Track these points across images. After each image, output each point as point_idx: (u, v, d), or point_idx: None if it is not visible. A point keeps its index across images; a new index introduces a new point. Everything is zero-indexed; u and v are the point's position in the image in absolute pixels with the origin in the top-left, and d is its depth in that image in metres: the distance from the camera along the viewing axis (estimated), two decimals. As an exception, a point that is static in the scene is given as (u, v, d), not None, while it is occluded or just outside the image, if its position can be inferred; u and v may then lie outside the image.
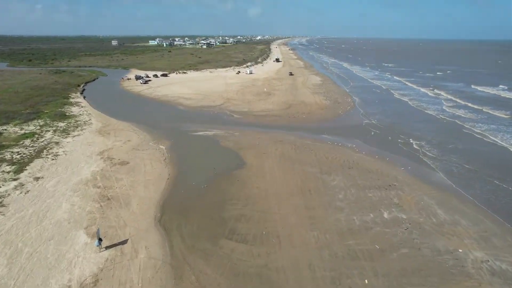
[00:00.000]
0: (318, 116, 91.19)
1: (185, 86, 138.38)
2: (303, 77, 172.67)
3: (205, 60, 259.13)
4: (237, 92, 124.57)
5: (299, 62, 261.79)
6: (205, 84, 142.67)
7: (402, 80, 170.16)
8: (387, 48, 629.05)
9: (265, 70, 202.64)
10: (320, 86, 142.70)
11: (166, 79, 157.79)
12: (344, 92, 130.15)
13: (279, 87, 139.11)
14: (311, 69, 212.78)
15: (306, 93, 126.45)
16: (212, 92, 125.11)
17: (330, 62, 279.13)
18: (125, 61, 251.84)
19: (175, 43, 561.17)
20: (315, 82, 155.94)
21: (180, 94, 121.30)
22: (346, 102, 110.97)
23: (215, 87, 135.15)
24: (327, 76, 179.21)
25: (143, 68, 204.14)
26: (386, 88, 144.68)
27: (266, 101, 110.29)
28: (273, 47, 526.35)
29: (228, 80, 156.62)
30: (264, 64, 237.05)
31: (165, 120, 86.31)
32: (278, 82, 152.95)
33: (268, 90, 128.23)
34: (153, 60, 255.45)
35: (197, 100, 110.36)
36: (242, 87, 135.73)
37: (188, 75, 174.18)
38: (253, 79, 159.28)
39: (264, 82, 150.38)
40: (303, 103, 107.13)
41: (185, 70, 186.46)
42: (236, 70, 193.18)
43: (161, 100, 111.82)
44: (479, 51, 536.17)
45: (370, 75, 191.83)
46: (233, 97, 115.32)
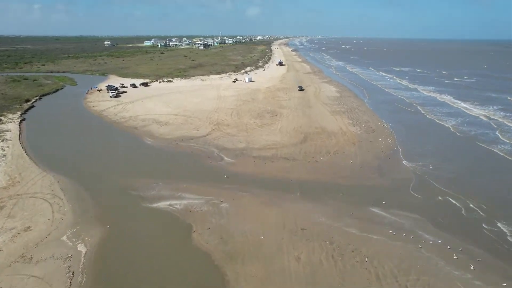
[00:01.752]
0: (353, 159, 60.32)
1: (165, 101, 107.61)
2: (314, 86, 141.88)
3: (199, 63, 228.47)
4: (231, 112, 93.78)
5: (305, 66, 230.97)
6: (192, 98, 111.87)
7: (426, 90, 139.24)
8: (391, 48, 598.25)
9: (267, 76, 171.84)
10: (338, 100, 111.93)
11: (144, 91, 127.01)
12: (370, 111, 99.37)
13: (287, 102, 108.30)
14: (320, 75, 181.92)
15: (323, 112, 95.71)
16: (199, 111, 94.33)
17: (338, 65, 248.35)
18: (108, 65, 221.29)
19: (171, 44, 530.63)
20: (330, 93, 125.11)
21: (155, 115, 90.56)
22: (381, 129, 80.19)
23: (204, 103, 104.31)
24: (342, 85, 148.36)
25: (123, 74, 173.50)
26: (413, 102, 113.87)
27: (270, 127, 79.47)
28: (274, 47, 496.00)
29: (222, 91, 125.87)
30: (266, 69, 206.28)
31: (115, 169, 55.66)
32: (284, 94, 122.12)
33: (272, 109, 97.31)
34: (139, 64, 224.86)
35: (175, 126, 79.53)
36: (239, 103, 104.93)
37: (174, 84, 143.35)
38: (253, 90, 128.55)
39: (267, 95, 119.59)
40: (323, 132, 76.31)
41: (171, 78, 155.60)
42: (233, 77, 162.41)
43: (125, 126, 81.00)
44: (486, 52, 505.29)
45: (388, 83, 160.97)
46: (225, 121, 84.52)
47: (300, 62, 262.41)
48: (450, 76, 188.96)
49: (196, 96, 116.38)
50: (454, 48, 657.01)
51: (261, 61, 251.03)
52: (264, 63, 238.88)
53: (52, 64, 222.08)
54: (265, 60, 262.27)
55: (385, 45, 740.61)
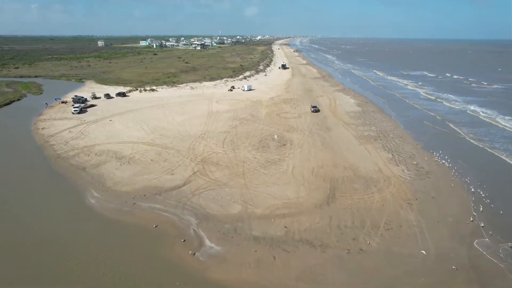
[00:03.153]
0: (422, 244, 36.09)
1: (140, 119, 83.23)
2: (327, 96, 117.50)
3: (192, 67, 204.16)
4: (224, 138, 69.42)
5: (311, 69, 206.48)
6: (175, 115, 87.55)
7: (451, 101, 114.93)
8: (394, 49, 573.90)
9: (270, 83, 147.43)
10: (363, 118, 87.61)
11: (119, 103, 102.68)
12: (407, 136, 75.20)
13: (297, 121, 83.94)
14: (331, 81, 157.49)
15: (347, 137, 71.32)
16: (180, 137, 69.98)
17: (346, 68, 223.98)
18: (91, 68, 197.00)
19: (167, 44, 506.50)
20: (349, 107, 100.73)
21: (120, 143, 66.25)
22: (437, 170, 55.92)
23: (189, 123, 79.95)
24: (359, 94, 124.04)
25: (103, 80, 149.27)
26: (448, 120, 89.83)
27: (278, 167, 55.08)
28: (275, 48, 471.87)
29: (215, 105, 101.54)
30: (268, 73, 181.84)
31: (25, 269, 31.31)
32: (292, 108, 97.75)
33: (279, 134, 72.82)
34: (126, 68, 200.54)
35: (142, 167, 55.19)
36: (235, 123, 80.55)
37: (158, 94, 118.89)
38: (253, 103, 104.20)
39: (270, 109, 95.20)
40: (357, 176, 51.96)
41: (155, 86, 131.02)
42: (230, 84, 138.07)
43: (71, 164, 56.57)
44: (489, 52, 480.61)
45: (407, 92, 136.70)
46: (214, 155, 60.19)
47: (305, 65, 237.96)
48: (467, 81, 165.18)
49: (181, 112, 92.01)
50: (456, 48, 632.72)
51: (262, 63, 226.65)
52: (266, 66, 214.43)
53: (28, 67, 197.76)
54: (267, 62, 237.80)
55: (387, 46, 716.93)
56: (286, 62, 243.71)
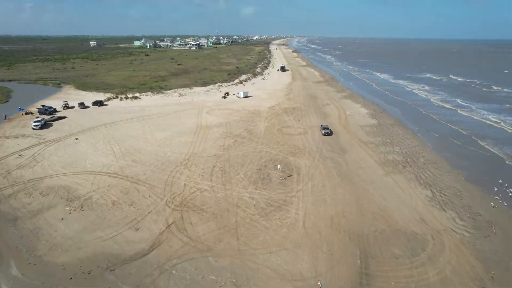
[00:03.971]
0: None
1: (112, 138, 68.20)
2: (335, 105, 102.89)
3: (184, 69, 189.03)
4: (213, 165, 54.56)
5: (312, 72, 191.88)
6: (156, 132, 72.55)
7: (472, 111, 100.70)
8: (393, 49, 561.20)
9: (268, 88, 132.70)
10: (382, 134, 73.04)
11: (93, 115, 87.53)
12: (443, 163, 60.81)
13: (303, 138, 69.12)
14: (336, 86, 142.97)
15: (369, 164, 56.60)
16: (158, 164, 55.06)
17: (349, 70, 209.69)
18: (74, 71, 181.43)
19: (162, 44, 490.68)
20: (363, 119, 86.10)
21: (79, 174, 51.31)
22: (503, 218, 41.52)
23: (172, 143, 64.99)
24: (369, 102, 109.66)
25: (83, 85, 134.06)
26: (482, 140, 75.64)
27: (284, 221, 40.12)
28: (273, 48, 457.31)
29: (205, 116, 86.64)
30: (266, 76, 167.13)
31: None
32: (296, 122, 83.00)
33: (283, 160, 57.91)
34: (113, 70, 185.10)
35: (100, 213, 40.27)
36: (227, 143, 65.63)
37: (140, 102, 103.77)
38: (250, 114, 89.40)
39: (270, 123, 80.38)
40: (393, 232, 37.15)
41: (139, 93, 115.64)
42: (224, 90, 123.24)
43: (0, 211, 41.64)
44: (492, 53, 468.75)
45: (420, 100, 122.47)
46: (198, 193, 45.32)
47: (305, 67, 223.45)
48: (475, 84, 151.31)
49: (164, 126, 77.06)
50: (454, 48, 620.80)
51: (259, 65, 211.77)
52: (263, 68, 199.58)
53: (5, 70, 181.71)
54: (264, 64, 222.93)
55: (385, 46, 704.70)
56: (285, 63, 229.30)
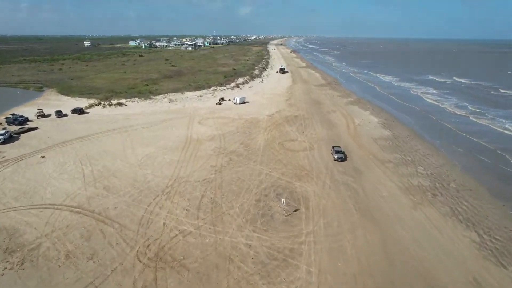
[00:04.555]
0: None
1: (84, 156, 57.80)
2: (341, 112, 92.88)
3: (178, 70, 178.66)
4: (201, 198, 44.35)
5: (313, 74, 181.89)
6: (138, 147, 62.23)
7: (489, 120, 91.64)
8: (392, 49, 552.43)
9: (267, 92, 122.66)
10: (399, 151, 63.11)
11: (69, 126, 77.06)
12: (476, 185, 50.96)
13: (308, 157, 59.05)
14: (339, 90, 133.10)
15: (392, 192, 46.50)
16: (134, 192, 44.82)
17: (350, 72, 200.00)
18: (61, 72, 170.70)
19: (157, 45, 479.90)
20: (375, 130, 75.97)
21: (33, 208, 41.07)
22: None
23: (154, 163, 54.68)
24: (379, 109, 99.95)
25: (67, 89, 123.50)
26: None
27: (292, 285, 30.21)
28: (271, 48, 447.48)
29: (196, 127, 76.37)
30: (264, 78, 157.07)
31: None
32: (300, 133, 72.84)
33: (287, 190, 47.82)
34: (102, 72, 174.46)
35: (44, 274, 30.07)
36: (220, 162, 55.38)
37: (125, 110, 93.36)
38: (247, 124, 79.20)
39: (271, 135, 70.23)
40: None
41: (126, 99, 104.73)
42: (218, 95, 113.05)
43: None
44: (494, 53, 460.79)
45: (430, 106, 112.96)
46: (180, 239, 35.19)
47: (305, 68, 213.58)
48: (481, 87, 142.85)
49: (149, 140, 66.81)
50: (456, 49, 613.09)
51: (257, 66, 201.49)
52: (262, 69, 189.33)
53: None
54: (263, 65, 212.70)
55: (384, 46, 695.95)
56: (284, 64, 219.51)
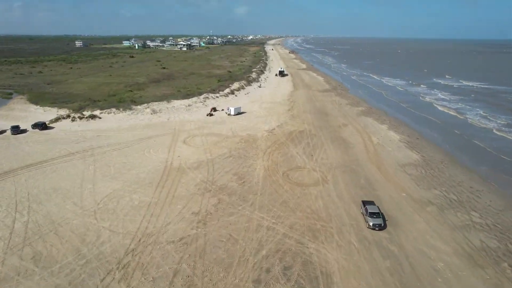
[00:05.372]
0: None
1: (21, 197, 43.28)
2: (354, 126, 78.67)
3: (169, 73, 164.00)
4: (175, 270, 30.12)
5: (316, 78, 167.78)
6: (100, 181, 47.63)
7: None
8: (391, 49, 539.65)
9: (266, 100, 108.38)
10: (437, 183, 48.90)
11: (20, 148, 62.10)
12: None
13: (323, 196, 44.73)
14: (348, 97, 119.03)
15: (456, 269, 32.02)
16: (62, 284, 30.50)
17: (353, 74, 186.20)
18: (40, 76, 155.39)
19: (151, 45, 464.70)
20: (400, 152, 61.67)
21: None
22: None
23: (116, 210, 40.07)
24: (397, 121, 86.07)
25: (40, 96, 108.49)
26: None
27: None
28: (268, 49, 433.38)
29: (179, 149, 61.74)
30: (263, 83, 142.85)
31: None
32: (308, 158, 58.37)
33: (298, 264, 33.42)
34: (86, 75, 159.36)
35: None
36: (205, 206, 40.75)
37: (99, 124, 78.38)
38: (242, 144, 64.73)
39: (272, 163, 55.66)
40: None
41: (101, 110, 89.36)
42: (210, 104, 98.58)
43: None
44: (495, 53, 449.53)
45: (450, 117, 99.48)
46: None
47: (305, 70, 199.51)
48: (496, 91, 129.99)
49: (117, 168, 52.21)
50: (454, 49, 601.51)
51: (254, 69, 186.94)
52: (260, 72, 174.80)
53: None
54: (260, 67, 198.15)
55: (382, 46, 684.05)
56: (283, 66, 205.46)
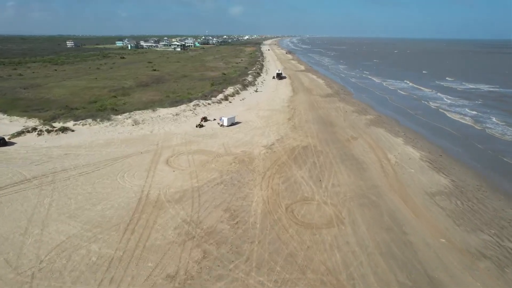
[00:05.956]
0: None
1: None
2: (364, 138, 68.54)
3: (159, 76, 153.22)
4: None
5: (315, 80, 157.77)
6: (53, 222, 36.80)
7: None
8: (390, 49, 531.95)
9: (264, 107, 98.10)
10: (485, 225, 38.79)
11: (-31, 171, 51.50)
12: None
13: (338, 244, 34.20)
14: (352, 103, 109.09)
15: None
16: None
17: (350, 75, 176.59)
18: (19, 79, 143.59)
19: (145, 45, 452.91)
20: (425, 176, 51.32)
21: None
22: None
23: (62, 276, 29.63)
24: (414, 133, 76.20)
25: (14, 102, 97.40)
26: None
27: None
28: (265, 49, 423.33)
29: (160, 173, 51.11)
30: (259, 86, 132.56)
31: None
32: (315, 184, 48.06)
33: None
34: (69, 78, 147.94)
35: None
36: (185, 268, 30.39)
37: (70, 138, 67.28)
38: (237, 165, 54.19)
39: (273, 193, 45.27)
40: None
41: (76, 120, 78.19)
42: (201, 113, 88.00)
43: None
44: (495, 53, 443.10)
45: (470, 129, 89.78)
46: None
47: (304, 72, 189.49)
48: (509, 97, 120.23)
49: (79, 202, 41.51)
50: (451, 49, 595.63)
51: (250, 71, 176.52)
52: (256, 75, 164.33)
53: None
54: (257, 69, 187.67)
55: (378, 46, 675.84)
56: (281, 68, 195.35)
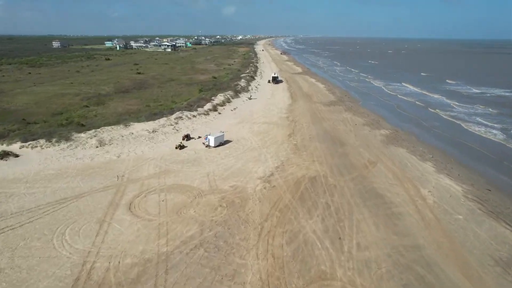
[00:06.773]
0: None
1: None
2: (386, 166, 54.52)
3: (143, 81, 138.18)
4: None
5: (315, 84, 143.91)
6: None
7: None
8: (386, 49, 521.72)
9: (259, 120, 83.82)
10: None
11: None
12: None
13: None
14: (362, 113, 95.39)
15: None
16: None
17: (351, 78, 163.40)
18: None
19: (134, 46, 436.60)
20: (486, 231, 37.76)
21: None
22: None
23: None
24: (443, 155, 62.72)
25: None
26: None
27: None
28: (259, 49, 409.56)
29: (119, 221, 36.37)
30: (253, 92, 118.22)
31: None
32: (331, 245, 33.85)
33: None
34: (41, 84, 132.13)
35: None
36: None
37: (12, 168, 52.25)
38: (224, 210, 39.80)
39: (274, 265, 31.03)
40: None
41: (25, 142, 62.93)
42: (183, 129, 73.35)
43: None
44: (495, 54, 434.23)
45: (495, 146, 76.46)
46: None
47: (302, 75, 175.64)
48: None
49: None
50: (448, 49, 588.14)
51: (244, 74, 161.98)
52: (250, 79, 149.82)
53: None
54: (251, 72, 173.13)
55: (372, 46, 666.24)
56: (276, 70, 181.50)
